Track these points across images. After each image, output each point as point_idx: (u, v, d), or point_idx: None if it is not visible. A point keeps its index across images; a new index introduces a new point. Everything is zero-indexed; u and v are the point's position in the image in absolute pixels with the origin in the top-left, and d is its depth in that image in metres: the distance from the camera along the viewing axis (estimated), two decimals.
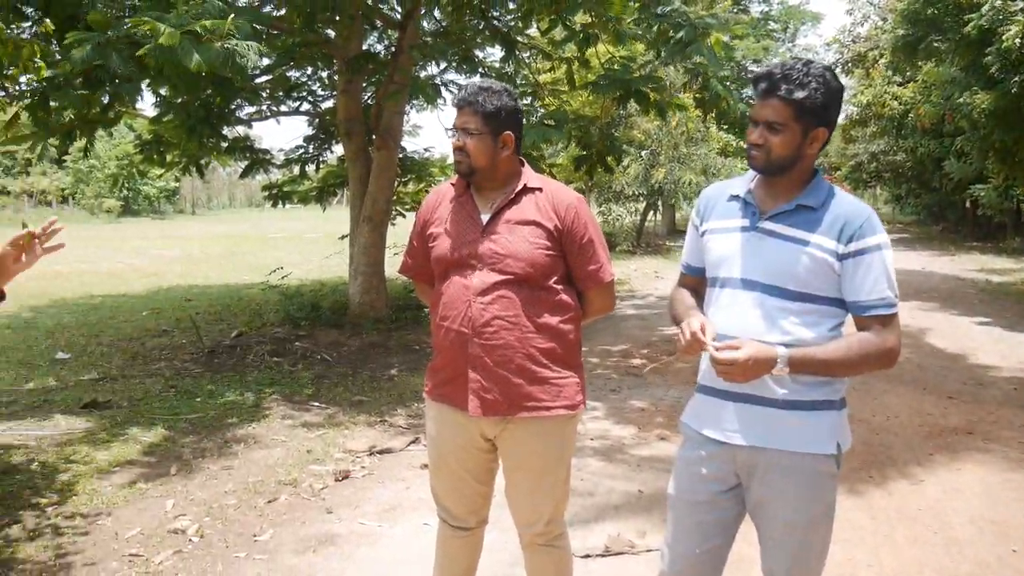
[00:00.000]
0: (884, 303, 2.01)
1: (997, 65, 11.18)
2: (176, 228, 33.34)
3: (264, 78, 9.52)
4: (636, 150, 19.01)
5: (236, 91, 7.57)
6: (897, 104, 21.62)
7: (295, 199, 11.81)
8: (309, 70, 10.78)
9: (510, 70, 10.43)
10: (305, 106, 10.89)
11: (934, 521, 3.96)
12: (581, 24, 8.46)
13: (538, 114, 10.04)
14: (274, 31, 8.27)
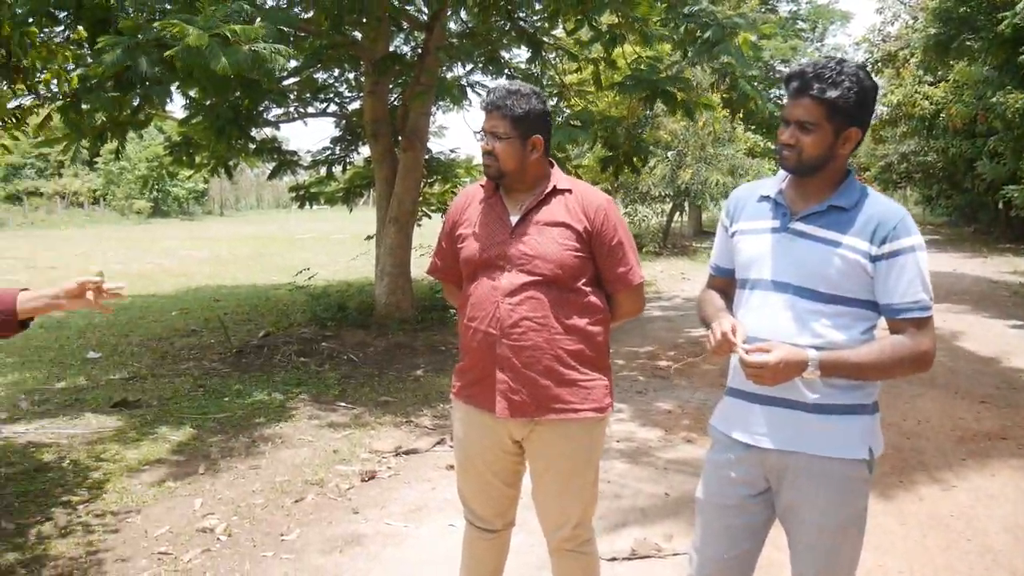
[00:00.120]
0: (918, 306, 1.97)
1: None
2: (204, 229, 33.69)
3: (292, 80, 9.59)
4: (662, 151, 18.90)
5: (264, 93, 7.63)
6: (928, 104, 21.35)
7: (322, 200, 11.88)
8: (336, 72, 10.84)
9: (536, 71, 10.42)
10: (332, 108, 10.96)
11: (967, 528, 3.89)
12: (607, 24, 8.43)
13: (564, 115, 10.02)
14: (302, 33, 8.33)
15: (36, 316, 2.26)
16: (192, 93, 7.51)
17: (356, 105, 10.92)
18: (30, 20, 5.69)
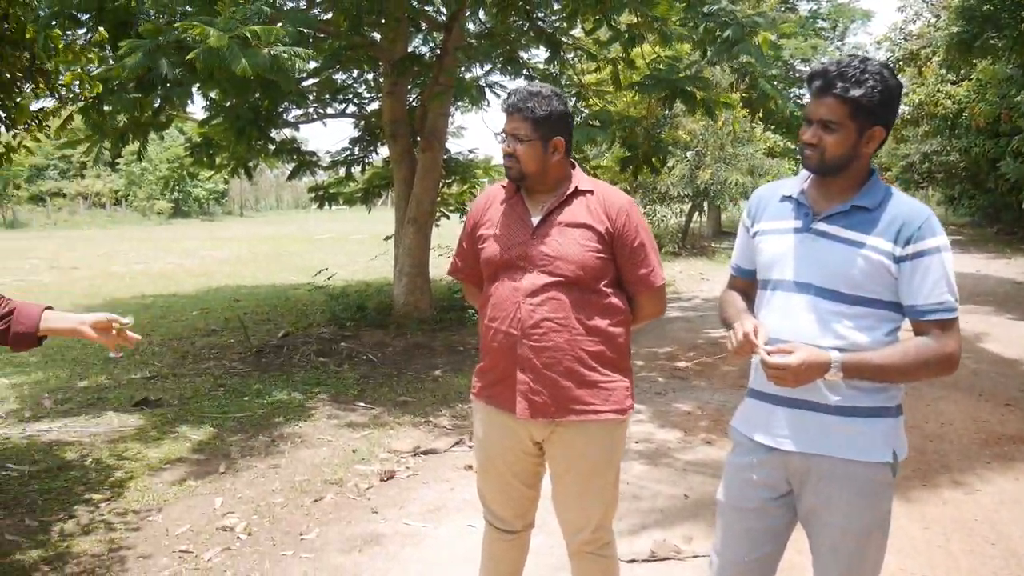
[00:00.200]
0: (943, 307, 1.95)
1: None
2: (224, 229, 33.91)
3: (311, 81, 9.62)
4: (681, 151, 18.82)
5: (284, 94, 7.66)
6: (950, 103, 21.13)
7: (341, 200, 11.91)
8: (355, 73, 10.86)
9: (555, 71, 10.39)
10: (351, 108, 10.99)
11: (991, 532, 3.85)
12: (626, 24, 8.40)
13: (583, 115, 10.00)
14: (321, 35, 8.36)
15: (54, 336, 2.29)
16: (212, 94, 7.55)
17: (375, 106, 10.94)
18: (53, 23, 5.75)
